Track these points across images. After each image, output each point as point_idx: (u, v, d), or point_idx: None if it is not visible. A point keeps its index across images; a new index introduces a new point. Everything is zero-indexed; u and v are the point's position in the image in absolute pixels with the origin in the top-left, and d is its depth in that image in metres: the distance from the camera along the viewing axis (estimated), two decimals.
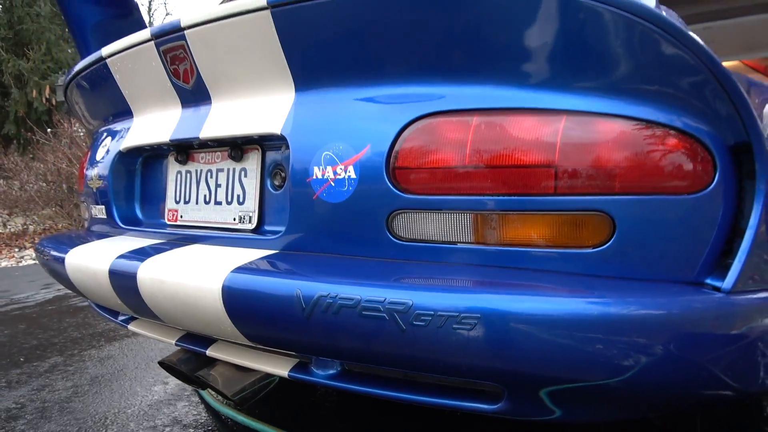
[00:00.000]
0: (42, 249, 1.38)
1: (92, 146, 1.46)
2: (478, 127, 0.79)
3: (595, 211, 0.76)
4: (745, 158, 0.83)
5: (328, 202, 0.87)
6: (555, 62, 0.75)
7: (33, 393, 1.87)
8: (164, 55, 1.09)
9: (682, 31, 0.73)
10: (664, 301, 0.77)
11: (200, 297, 0.87)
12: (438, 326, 0.70)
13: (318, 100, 0.92)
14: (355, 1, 0.83)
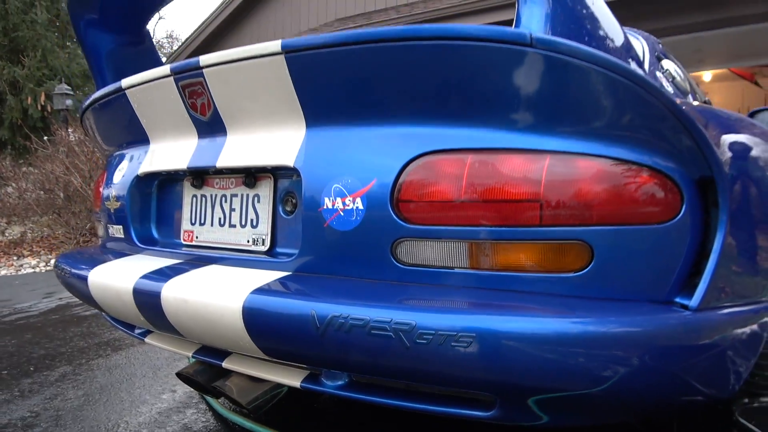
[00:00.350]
0: (62, 267, 1.46)
1: (108, 169, 1.54)
2: (472, 164, 0.89)
3: (576, 240, 0.86)
4: (709, 190, 0.93)
5: (337, 230, 0.96)
6: (539, 110, 0.86)
7: (46, 402, 1.94)
8: (183, 90, 1.18)
9: (650, 83, 0.83)
10: (637, 319, 0.87)
11: (222, 316, 0.96)
12: (439, 344, 0.79)
13: (328, 136, 1.01)
14: (361, 51, 0.92)
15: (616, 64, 0.81)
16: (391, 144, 0.94)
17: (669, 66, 1.59)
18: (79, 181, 5.41)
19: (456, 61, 0.86)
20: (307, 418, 1.75)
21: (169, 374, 2.18)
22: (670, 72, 1.55)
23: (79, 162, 5.70)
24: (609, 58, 0.81)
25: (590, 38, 0.90)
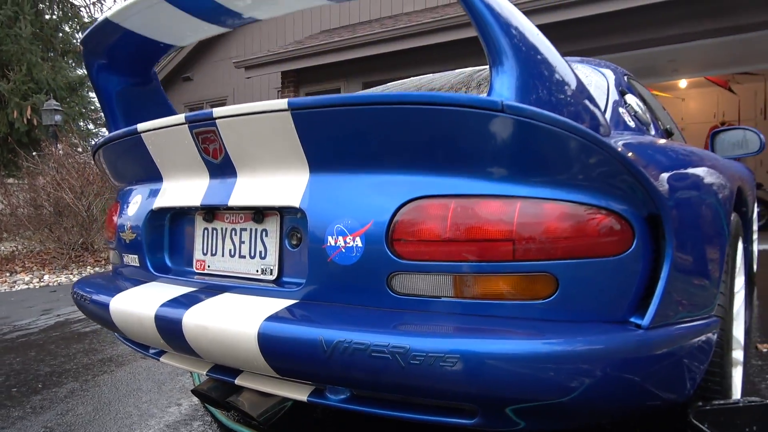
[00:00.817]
0: (81, 293, 1.59)
1: (121, 202, 1.67)
2: (455, 208, 1.04)
3: (543, 272, 1.01)
4: (657, 224, 1.09)
5: (340, 264, 1.11)
6: (510, 163, 1.01)
7: (58, 417, 2.06)
8: (196, 136, 1.32)
9: (601, 140, 0.99)
10: (596, 338, 1.02)
11: (239, 341, 1.10)
12: (429, 364, 0.94)
13: (330, 181, 1.16)
14: (359, 111, 1.07)
15: (573, 126, 0.97)
16: (385, 189, 1.09)
17: (631, 100, 1.75)
18: (70, 197, 5.49)
19: (440, 122, 1.01)
20: (305, 427, 1.89)
21: (173, 388, 2.30)
22: (632, 106, 1.72)
23: (70, 178, 5.77)
24: (566, 121, 0.97)
25: (554, 98, 1.05)
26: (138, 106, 1.79)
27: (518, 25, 1.06)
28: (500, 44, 1.01)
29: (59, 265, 5.67)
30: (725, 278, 1.40)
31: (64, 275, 5.41)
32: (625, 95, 1.78)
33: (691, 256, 1.18)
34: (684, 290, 1.16)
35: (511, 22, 1.04)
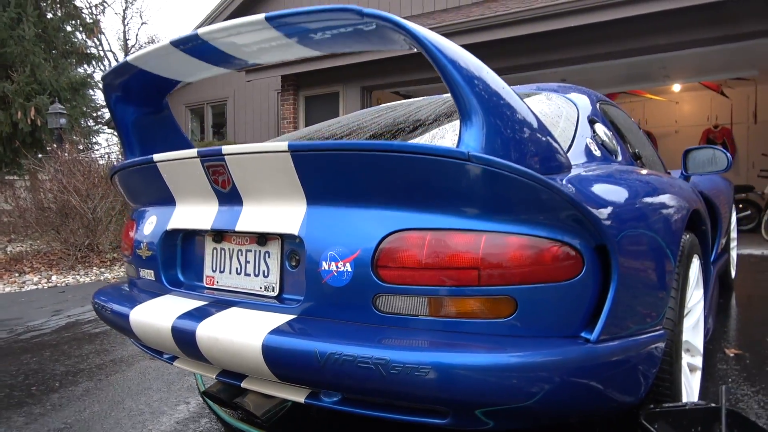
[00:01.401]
0: (101, 304, 1.77)
1: (137, 221, 1.85)
2: (430, 240, 1.22)
3: (504, 295, 1.19)
4: (605, 252, 1.27)
5: (333, 286, 1.29)
6: (477, 203, 1.19)
7: (76, 414, 2.24)
8: (207, 169, 1.50)
9: (551, 184, 1.16)
10: (550, 351, 1.20)
11: (246, 351, 1.28)
12: (406, 373, 1.12)
13: (324, 213, 1.34)
14: (348, 156, 1.25)
15: (526, 172, 1.15)
16: (371, 222, 1.27)
17: (600, 130, 1.93)
18: (77, 199, 5.66)
19: (417, 167, 1.19)
20: (303, 424, 2.07)
21: (182, 387, 2.49)
22: (599, 136, 1.90)
23: (76, 181, 5.94)
24: (520, 168, 1.15)
25: (516, 145, 1.23)
26: (151, 132, 1.97)
27: (486, 87, 1.24)
28: (470, 104, 1.19)
29: (66, 266, 5.85)
30: (674, 294, 1.58)
31: (71, 276, 5.59)
32: (594, 124, 1.95)
33: (636, 279, 1.36)
34: (630, 309, 1.34)
35: (481, 84, 1.22)
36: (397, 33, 1.26)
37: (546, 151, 1.32)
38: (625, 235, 1.32)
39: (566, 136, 1.75)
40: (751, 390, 2.26)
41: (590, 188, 1.33)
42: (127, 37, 36.48)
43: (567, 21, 6.24)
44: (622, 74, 8.27)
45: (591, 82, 8.83)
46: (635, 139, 2.50)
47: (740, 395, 2.21)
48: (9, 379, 2.69)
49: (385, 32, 1.30)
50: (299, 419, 2.10)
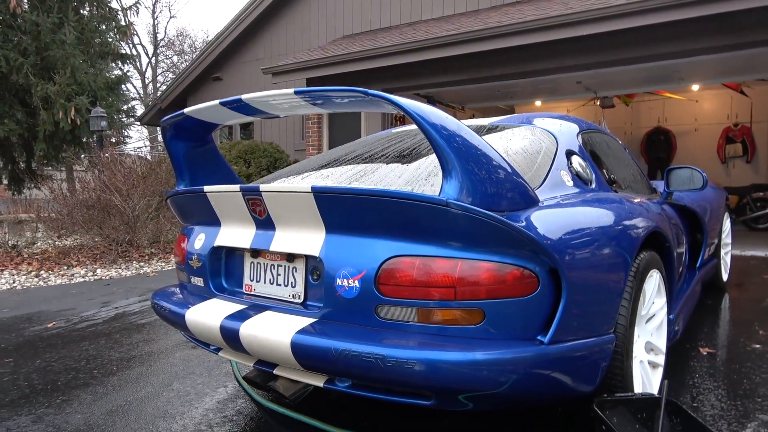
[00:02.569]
0: (160, 305, 2.18)
1: (188, 236, 2.26)
2: (419, 264, 1.59)
3: (475, 307, 1.56)
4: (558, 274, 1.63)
5: (345, 297, 1.67)
6: (454, 236, 1.56)
7: (133, 393, 2.67)
8: (247, 200, 1.89)
9: (510, 224, 1.52)
10: (512, 350, 1.56)
11: (279, 346, 1.67)
12: (399, 365, 1.50)
13: (339, 240, 1.72)
14: (357, 198, 1.63)
15: (490, 215, 1.50)
16: (374, 249, 1.65)
17: (576, 161, 2.27)
18: (119, 199, 6.16)
19: (409, 209, 1.56)
20: (322, 404, 2.47)
21: (221, 373, 2.91)
22: (575, 167, 2.24)
23: (117, 182, 6.45)
24: (486, 212, 1.50)
25: (488, 191, 1.58)
26: (198, 161, 2.38)
27: (463, 144, 1.59)
28: (448, 159, 1.56)
29: (108, 260, 6.37)
30: (626, 305, 1.92)
31: (114, 269, 6.10)
32: (571, 156, 2.29)
33: (585, 294, 1.71)
34: (579, 317, 1.69)
35: (457, 143, 1.58)
36: (390, 104, 1.62)
37: (514, 192, 1.68)
38: (575, 259, 1.67)
39: (542, 171, 2.09)
40: (713, 385, 2.58)
41: (547, 222, 1.68)
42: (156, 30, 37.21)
43: (580, 30, 6.48)
44: (637, 77, 8.45)
45: (608, 83, 9.04)
46: (615, 164, 2.82)
47: (702, 389, 2.54)
48: (73, 363, 3.15)
49: (381, 103, 1.67)
50: (319, 400, 2.50)
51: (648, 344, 2.28)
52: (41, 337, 3.72)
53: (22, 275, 5.86)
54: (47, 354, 3.33)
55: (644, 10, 6.05)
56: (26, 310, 4.49)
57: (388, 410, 2.37)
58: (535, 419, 2.25)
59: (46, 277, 5.80)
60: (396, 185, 1.88)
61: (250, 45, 12.00)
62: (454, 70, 7.90)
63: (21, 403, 2.59)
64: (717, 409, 2.34)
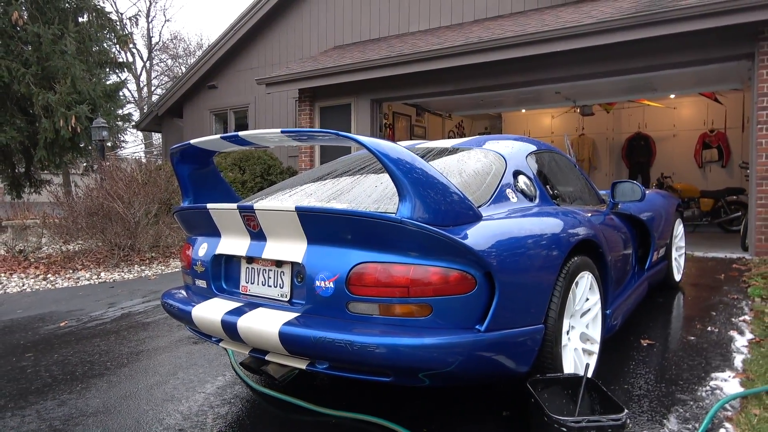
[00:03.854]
0: (169, 303, 2.58)
1: (192, 245, 2.66)
2: (380, 270, 2.00)
3: (424, 303, 1.97)
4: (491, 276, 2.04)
5: (322, 296, 2.08)
6: (406, 246, 1.97)
7: (143, 381, 3.07)
8: (243, 217, 2.30)
9: (451, 237, 1.93)
10: (455, 336, 1.97)
11: (269, 336, 2.07)
12: (366, 350, 1.90)
13: (318, 250, 2.13)
14: (330, 217, 2.03)
15: (434, 230, 1.91)
16: (346, 257, 2.06)
17: (522, 180, 2.69)
18: (121, 207, 6.55)
19: (372, 225, 1.97)
20: (307, 385, 2.87)
21: (219, 364, 3.30)
22: (519, 185, 2.65)
23: (119, 189, 6.83)
24: (430, 227, 1.91)
25: (436, 209, 1.99)
26: (200, 180, 2.78)
27: (414, 173, 2.00)
28: (402, 186, 1.97)
29: (111, 264, 6.75)
30: (556, 301, 2.33)
31: (117, 273, 6.48)
32: (518, 175, 2.71)
33: (516, 292, 2.12)
34: (510, 311, 2.10)
35: (410, 172, 1.99)
36: (356, 143, 2.03)
37: (458, 210, 2.09)
38: (505, 264, 2.09)
39: (490, 189, 2.51)
40: (645, 371, 3.00)
41: (483, 234, 2.09)
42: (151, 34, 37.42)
43: (553, 46, 6.91)
44: (614, 88, 8.91)
45: (586, 93, 9.49)
46: (563, 180, 3.24)
47: (635, 374, 2.95)
48: (88, 357, 3.54)
49: (350, 142, 2.08)
50: (305, 384, 2.90)
51: (583, 335, 2.69)
52: (55, 334, 4.10)
53: (31, 278, 6.23)
54: (63, 349, 3.72)
55: (612, 29, 6.49)
56: (38, 311, 4.87)
57: (365, 392, 2.77)
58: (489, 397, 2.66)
59: (53, 280, 6.17)
60: (366, 203, 2.28)
61: (245, 54, 12.39)
62: (439, 82, 8.33)
63: (45, 391, 2.98)
64: (643, 390, 2.75)
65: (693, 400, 2.62)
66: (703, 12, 5.91)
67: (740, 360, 3.12)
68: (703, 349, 3.32)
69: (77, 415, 2.64)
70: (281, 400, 2.67)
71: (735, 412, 2.48)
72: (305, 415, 2.53)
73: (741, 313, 4.08)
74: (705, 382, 2.83)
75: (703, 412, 2.47)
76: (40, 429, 2.50)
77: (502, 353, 2.13)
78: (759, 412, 2.45)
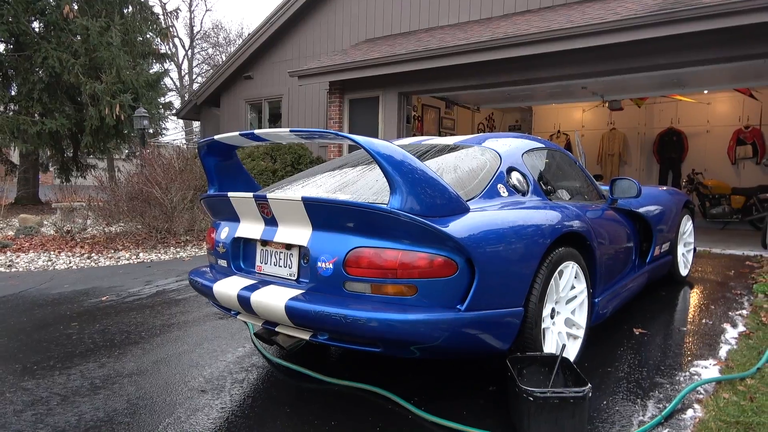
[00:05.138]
0: (195, 280, 2.92)
1: (216, 228, 2.99)
2: (373, 254, 2.27)
3: (410, 284, 2.24)
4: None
5: (323, 275, 2.37)
6: (396, 233, 2.23)
7: (173, 350, 3.43)
8: (258, 204, 2.60)
9: (436, 227, 2.19)
10: (439, 314, 2.23)
11: (277, 309, 2.38)
12: (361, 323, 2.18)
13: (321, 235, 2.42)
14: (333, 207, 2.32)
15: (421, 220, 2.17)
16: (343, 242, 2.34)
17: (514, 176, 2.91)
18: (159, 192, 6.99)
19: (367, 214, 2.24)
20: (312, 355, 3.18)
21: (240, 337, 3.65)
22: (511, 180, 2.88)
23: (157, 176, 7.28)
24: (418, 218, 2.17)
25: (425, 201, 2.25)
26: (225, 171, 3.11)
27: (404, 168, 2.26)
28: (393, 180, 2.23)
29: (149, 245, 7.22)
30: (537, 287, 2.56)
31: (154, 254, 6.95)
32: (511, 172, 2.94)
33: (495, 277, 2.36)
34: (490, 294, 2.35)
35: (400, 167, 2.25)
36: (352, 142, 2.30)
37: (445, 203, 2.35)
38: (486, 252, 2.33)
39: (482, 184, 2.75)
40: (631, 356, 3.20)
41: (466, 225, 2.34)
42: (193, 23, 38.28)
43: (577, 42, 7.01)
44: (642, 83, 8.90)
45: (613, 88, 9.50)
46: (560, 176, 3.44)
47: (621, 359, 3.16)
48: (125, 327, 3.94)
49: (346, 140, 2.35)
50: (311, 351, 3.21)
51: (569, 320, 2.91)
52: (97, 307, 4.53)
53: (77, 257, 6.75)
54: (104, 320, 4.13)
55: (636, 26, 6.55)
56: (83, 286, 5.33)
57: (365, 364, 3.07)
58: (478, 374, 2.91)
59: (96, 259, 6.67)
60: (366, 195, 2.56)
61: (279, 46, 12.76)
62: (465, 76, 8.50)
63: (87, 354, 3.37)
64: (625, 372, 2.97)
65: (670, 383, 2.82)
66: (726, 11, 5.93)
67: (726, 350, 3.28)
68: (692, 340, 3.49)
69: (114, 376, 3.02)
70: (293, 369, 2.99)
71: (707, 395, 2.68)
72: (313, 383, 2.85)
73: (740, 307, 4.20)
74: (686, 368, 3.02)
75: (676, 395, 2.67)
76: (83, 386, 2.88)
77: (483, 331, 2.38)
78: (729, 396, 2.64)
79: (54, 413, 2.56)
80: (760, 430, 2.31)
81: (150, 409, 2.58)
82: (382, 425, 2.40)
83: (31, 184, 14.55)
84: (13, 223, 10.03)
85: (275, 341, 2.65)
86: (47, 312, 4.38)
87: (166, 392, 2.78)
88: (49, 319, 4.18)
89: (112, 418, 2.51)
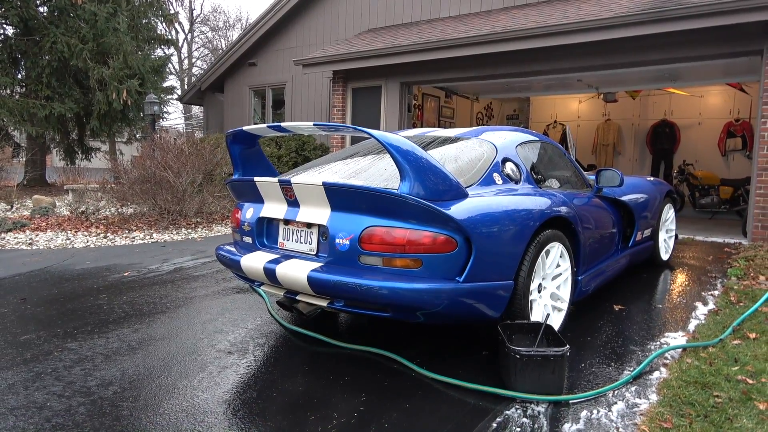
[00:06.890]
0: (222, 254, 3.28)
1: (241, 209, 3.34)
2: (384, 232, 2.63)
3: (416, 258, 2.61)
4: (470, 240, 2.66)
5: (341, 250, 2.73)
6: (405, 214, 2.60)
7: (197, 318, 3.80)
8: (282, 188, 2.96)
9: (438, 209, 2.55)
10: (440, 284, 2.60)
11: (300, 280, 2.74)
12: (374, 291, 2.55)
13: (339, 215, 2.77)
14: (349, 191, 2.68)
15: (425, 203, 2.53)
16: (358, 221, 2.70)
17: (508, 166, 3.27)
18: (171, 176, 7.32)
19: (380, 197, 2.60)
20: (329, 321, 3.55)
21: (257, 309, 4.02)
22: (505, 170, 3.24)
23: (169, 160, 7.60)
24: (422, 201, 2.53)
25: (430, 187, 2.60)
26: (248, 158, 3.45)
27: (412, 158, 2.62)
28: (403, 169, 2.59)
29: (161, 227, 7.57)
30: (526, 264, 2.93)
31: (167, 234, 7.30)
32: (506, 162, 3.29)
33: (489, 254, 2.73)
34: (485, 268, 2.72)
35: (409, 157, 2.61)
36: (368, 135, 2.66)
37: (448, 188, 2.70)
38: (481, 232, 2.69)
39: (480, 173, 3.11)
40: (609, 328, 3.59)
41: (466, 208, 2.69)
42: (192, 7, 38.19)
43: (573, 38, 7.33)
44: (635, 77, 9.23)
45: (608, 81, 9.83)
46: (550, 167, 3.80)
47: (600, 331, 3.54)
48: (151, 299, 4.31)
49: (361, 134, 2.70)
50: (327, 317, 3.59)
51: (554, 294, 3.29)
52: (121, 282, 4.90)
53: (93, 236, 7.10)
54: (130, 293, 4.49)
55: (629, 23, 6.87)
56: (104, 263, 5.69)
57: (372, 333, 3.45)
58: (474, 341, 3.29)
59: (112, 238, 7.02)
60: (378, 181, 2.91)
61: (284, 34, 13.01)
62: (465, 68, 8.82)
63: (120, 322, 3.74)
64: (602, 342, 3.35)
65: (642, 351, 3.21)
66: (713, 10, 6.26)
67: (695, 324, 3.67)
68: (665, 315, 3.88)
69: (148, 339, 3.39)
70: (307, 335, 3.36)
71: (672, 360, 3.06)
72: (326, 347, 3.22)
73: (713, 288, 4.60)
74: (657, 339, 3.41)
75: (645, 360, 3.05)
76: (122, 347, 3.25)
77: (478, 300, 2.75)
78: (691, 361, 3.03)
79: (100, 369, 2.93)
80: (714, 389, 2.70)
81: (184, 366, 2.96)
82: (388, 382, 2.78)
83: (39, 166, 14.83)
84: (27, 204, 10.36)
85: (296, 308, 3.02)
86: (75, 285, 4.74)
87: (197, 353, 3.15)
88: (78, 291, 4.54)
89: (151, 373, 2.88)
